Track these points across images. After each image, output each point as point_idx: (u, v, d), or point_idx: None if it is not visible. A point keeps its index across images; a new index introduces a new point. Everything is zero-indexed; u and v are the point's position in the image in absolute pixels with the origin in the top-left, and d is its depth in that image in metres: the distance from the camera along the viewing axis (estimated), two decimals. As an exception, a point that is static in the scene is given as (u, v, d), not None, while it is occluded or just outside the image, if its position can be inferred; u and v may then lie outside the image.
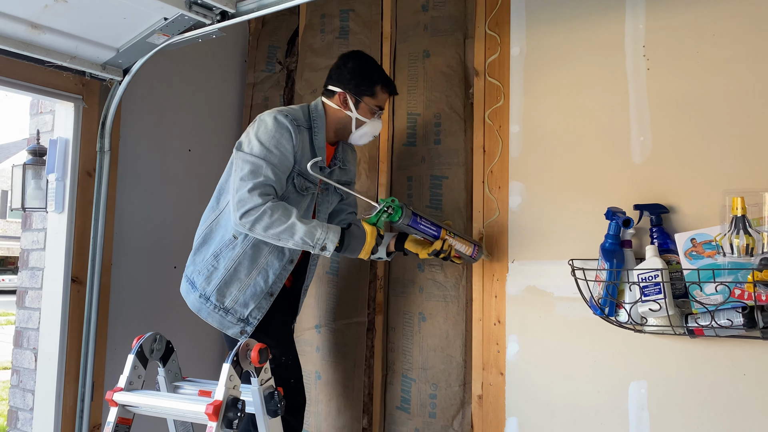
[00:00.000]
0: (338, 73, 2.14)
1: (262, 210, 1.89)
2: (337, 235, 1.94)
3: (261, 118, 2.04)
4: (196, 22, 2.09)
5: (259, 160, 1.95)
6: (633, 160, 2.00)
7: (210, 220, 2.12)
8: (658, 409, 1.90)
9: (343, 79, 2.11)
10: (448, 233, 2.08)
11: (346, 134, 2.17)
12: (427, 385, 2.36)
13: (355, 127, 2.14)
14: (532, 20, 2.27)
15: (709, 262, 1.73)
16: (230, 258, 2.04)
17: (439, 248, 2.05)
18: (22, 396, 2.61)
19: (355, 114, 2.11)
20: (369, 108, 2.12)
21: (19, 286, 2.70)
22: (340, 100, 2.11)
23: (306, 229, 1.91)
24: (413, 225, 2.04)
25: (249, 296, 2.05)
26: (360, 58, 2.15)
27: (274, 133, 1.98)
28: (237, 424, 1.72)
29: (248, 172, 1.93)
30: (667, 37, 1.98)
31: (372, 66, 2.16)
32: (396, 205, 2.00)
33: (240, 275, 2.04)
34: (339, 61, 2.17)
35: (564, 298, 2.10)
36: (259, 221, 1.90)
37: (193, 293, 2.08)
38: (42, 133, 2.63)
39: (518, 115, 2.26)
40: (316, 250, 1.94)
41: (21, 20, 2.03)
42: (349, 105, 2.11)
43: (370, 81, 2.11)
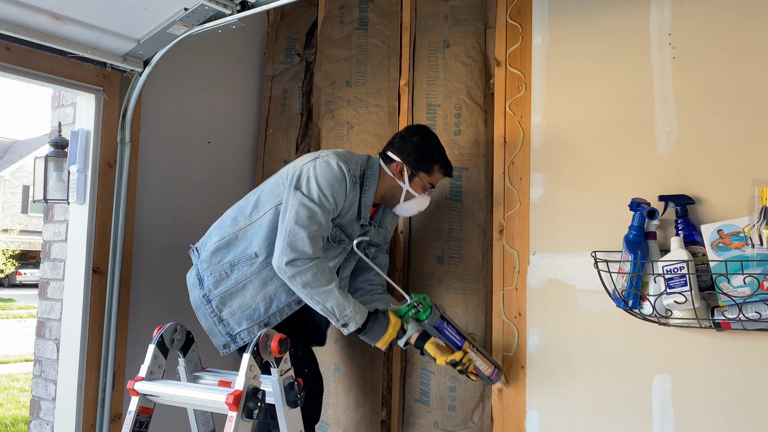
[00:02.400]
0: (401, 143, 2.12)
1: (308, 266, 1.89)
2: (364, 317, 1.96)
3: (323, 160, 2.00)
4: (216, 13, 2.09)
5: (316, 207, 1.93)
6: (658, 150, 1.97)
7: (238, 227, 2.09)
8: (683, 404, 1.87)
9: (404, 151, 2.10)
10: (471, 347, 2.06)
11: (392, 203, 2.17)
12: (447, 378, 2.35)
13: (404, 199, 2.14)
14: (555, 9, 2.23)
15: (737, 254, 1.69)
16: (244, 273, 2.04)
17: (458, 359, 2.02)
18: (44, 386, 2.64)
19: (407, 186, 2.11)
20: (422, 184, 2.12)
21: (41, 278, 2.73)
22: (396, 169, 2.11)
23: (339, 301, 1.92)
24: (438, 328, 2.03)
25: (245, 317, 2.05)
26: (425, 134, 2.14)
27: (333, 181, 1.96)
28: (257, 413, 1.72)
29: (305, 218, 1.92)
30: (693, 25, 1.94)
31: (435, 144, 2.14)
32: (426, 304, 2.02)
33: (246, 293, 2.04)
34: (405, 132, 2.16)
35: (586, 290, 2.07)
36: (301, 275, 1.89)
37: (198, 290, 2.09)
38: (63, 126, 2.65)
39: (540, 106, 2.23)
40: (338, 325, 1.95)
41: (43, 11, 2.04)
42: (404, 177, 2.11)
43: (431, 159, 2.10)
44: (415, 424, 2.43)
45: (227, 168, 2.98)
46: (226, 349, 2.08)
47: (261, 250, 2.02)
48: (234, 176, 3.01)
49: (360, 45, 2.75)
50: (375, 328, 1.98)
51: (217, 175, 2.92)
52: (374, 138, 2.66)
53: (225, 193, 2.88)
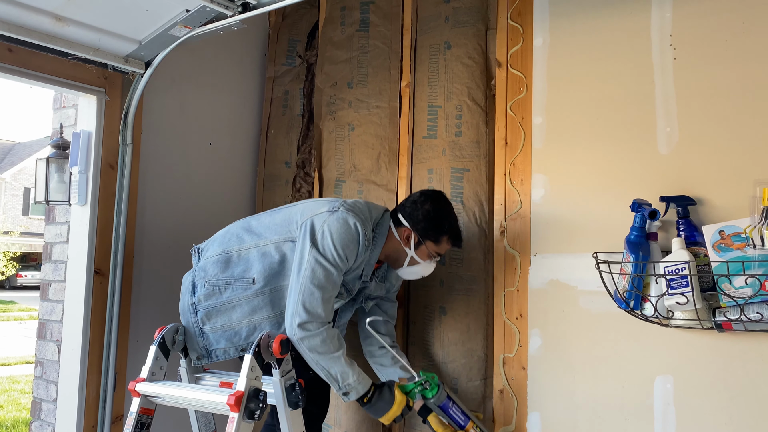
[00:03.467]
0: (413, 208, 2.09)
1: (319, 331, 1.88)
2: (366, 388, 1.93)
3: (341, 217, 1.96)
4: (217, 14, 2.09)
5: (332, 268, 1.91)
6: (659, 151, 1.97)
7: (242, 246, 2.06)
8: (685, 405, 1.87)
9: (414, 218, 2.07)
10: (474, 426, 2.06)
11: (395, 265, 2.15)
12: (449, 379, 2.35)
13: (407, 264, 2.11)
14: (556, 10, 2.24)
15: (739, 255, 1.69)
16: (237, 295, 2.02)
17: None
18: (45, 387, 2.64)
19: (412, 252, 2.09)
20: (428, 252, 2.09)
21: (42, 279, 2.73)
22: (404, 234, 2.09)
23: (343, 369, 1.91)
24: (443, 408, 2.04)
25: (226, 337, 2.03)
26: (438, 203, 2.10)
27: (348, 242, 1.94)
28: (258, 414, 1.72)
29: (321, 278, 1.90)
30: (694, 26, 1.94)
31: (446, 215, 2.10)
32: (434, 383, 2.03)
33: (233, 315, 2.02)
34: (417, 197, 2.12)
35: (588, 291, 2.07)
36: (310, 339, 1.87)
37: (189, 296, 2.07)
38: (65, 127, 2.65)
39: (541, 107, 2.23)
40: (339, 393, 1.93)
41: (45, 12, 2.05)
42: (410, 243, 2.08)
43: (440, 230, 2.07)
44: (417, 425, 2.42)
45: (228, 169, 2.98)
46: (198, 361, 2.05)
47: (259, 278, 2.00)
48: (235, 177, 3.01)
49: (361, 46, 2.75)
50: (379, 403, 1.95)
51: (219, 176, 2.92)
52: (375, 139, 2.66)
53: (226, 195, 2.89)
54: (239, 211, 3.02)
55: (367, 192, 2.65)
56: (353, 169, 2.71)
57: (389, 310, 2.30)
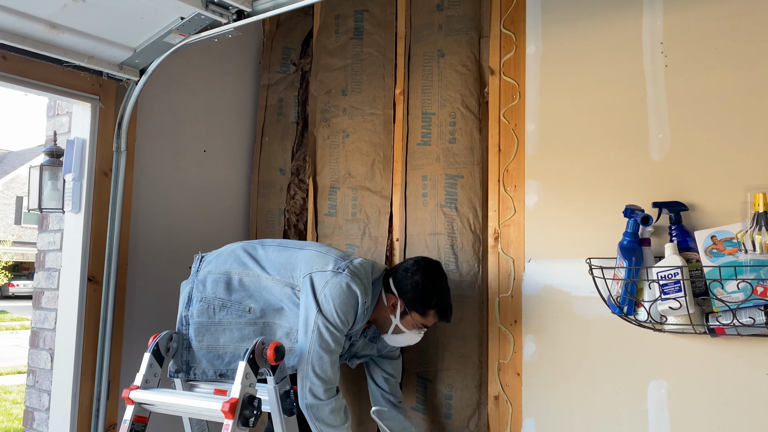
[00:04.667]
0: (403, 276, 2.06)
1: (328, 401, 1.90)
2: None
3: (345, 284, 1.94)
4: (212, 22, 2.10)
5: (337, 332, 1.92)
6: (651, 157, 1.98)
7: (244, 272, 2.05)
8: (679, 410, 1.88)
9: (402, 287, 2.05)
10: None
11: (381, 330, 2.12)
12: (443, 386, 2.35)
13: (391, 332, 2.09)
14: (548, 18, 2.26)
15: (731, 260, 1.71)
16: (230, 319, 2.02)
17: None
18: (38, 396, 2.62)
19: (396, 321, 2.06)
20: (413, 322, 2.06)
21: (35, 287, 2.72)
22: (390, 302, 2.06)
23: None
24: None
25: (208, 359, 2.02)
26: (429, 275, 2.06)
27: (350, 308, 1.94)
28: (253, 422, 1.71)
29: (329, 342, 1.91)
30: (685, 34, 1.96)
31: (436, 288, 2.06)
32: None
33: (220, 338, 2.02)
34: (410, 265, 2.08)
35: (582, 297, 2.08)
36: (319, 408, 1.89)
37: (184, 308, 2.07)
38: (59, 135, 2.65)
39: (534, 114, 2.25)
40: None
41: (40, 20, 2.05)
42: (396, 311, 2.06)
43: (427, 303, 2.04)
44: (412, 432, 2.42)
45: (223, 176, 2.99)
46: (178, 374, 2.04)
47: (256, 308, 2.01)
48: (230, 185, 3.01)
49: (355, 54, 2.76)
50: None
51: (213, 183, 2.92)
52: (370, 146, 2.67)
53: (221, 202, 2.89)
54: (234, 218, 3.02)
55: (362, 199, 2.66)
56: (348, 176, 2.71)
57: (390, 368, 2.28)
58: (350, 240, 2.67)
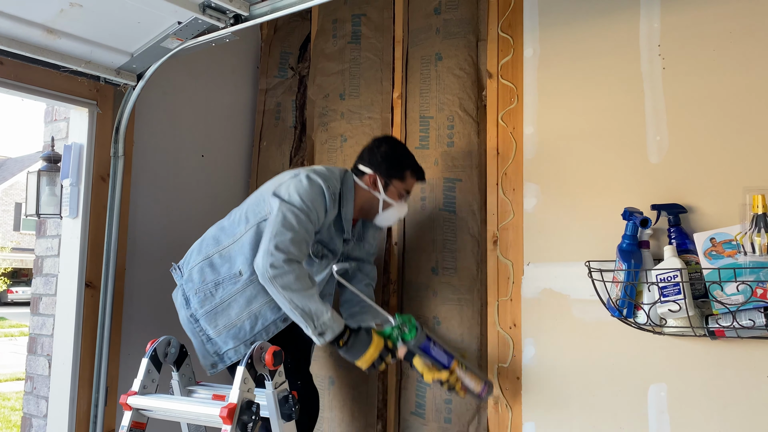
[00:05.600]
0: (370, 155, 2.16)
1: (291, 268, 1.89)
2: (341, 327, 1.92)
3: (303, 176, 2.02)
4: (209, 26, 2.09)
5: (300, 212, 1.94)
6: (649, 159, 1.98)
7: (221, 246, 2.09)
8: (679, 413, 1.87)
9: (374, 162, 2.14)
10: (459, 365, 2.04)
11: (371, 214, 2.18)
12: (443, 390, 2.33)
13: (382, 209, 2.15)
14: (546, 21, 2.26)
15: (730, 262, 1.70)
16: (229, 292, 2.03)
17: (444, 379, 2.03)
18: (36, 403, 2.61)
19: (383, 196, 2.13)
20: (397, 191, 2.14)
21: (33, 293, 2.71)
22: (370, 181, 2.13)
23: (318, 307, 1.90)
24: (424, 349, 2.01)
25: (231, 336, 2.03)
26: (392, 144, 2.20)
27: (314, 195, 1.98)
28: (251, 427, 1.70)
29: (291, 221, 1.93)
30: (682, 36, 1.96)
31: (403, 151, 2.20)
32: (411, 325, 2.00)
33: (231, 312, 2.03)
34: (372, 144, 2.20)
35: (581, 300, 2.07)
36: (282, 277, 1.88)
37: (185, 310, 2.09)
38: (56, 140, 2.64)
39: (532, 117, 2.25)
40: (315, 333, 1.91)
41: (37, 25, 2.05)
42: (378, 187, 2.13)
43: (401, 166, 2.14)
44: (414, 425, 2.41)
45: (221, 181, 2.98)
46: (213, 369, 2.06)
47: (245, 268, 2.02)
48: (228, 189, 3.01)
49: (353, 58, 2.76)
50: (356, 344, 1.94)
51: (211, 188, 2.92)
52: (368, 150, 2.66)
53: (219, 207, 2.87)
54: (232, 223, 3.00)
55: (360, 203, 2.65)
56: (346, 180, 2.71)
57: (371, 272, 2.34)
58: (349, 244, 2.66)
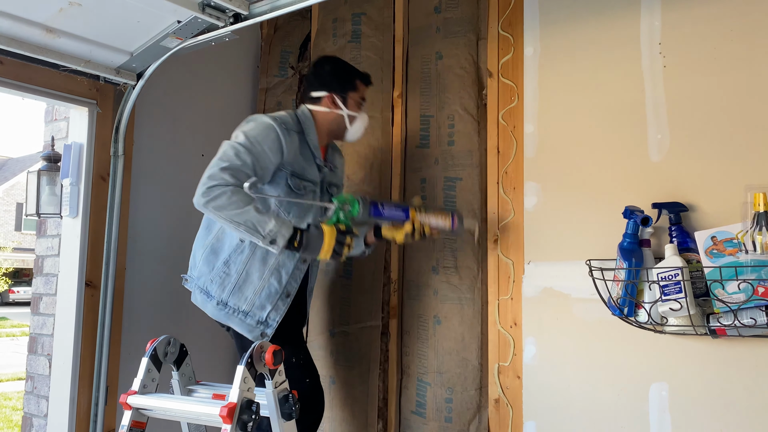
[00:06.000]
0: (318, 78, 2.21)
1: (223, 190, 1.88)
2: (289, 231, 1.90)
3: (250, 118, 2.09)
4: (209, 25, 2.09)
5: (240, 147, 1.96)
6: (650, 158, 1.98)
7: (214, 230, 2.12)
8: (680, 412, 1.86)
9: (325, 83, 2.18)
10: (418, 211, 2.06)
11: (341, 133, 2.22)
12: (443, 389, 2.33)
13: (349, 123, 2.20)
14: (546, 20, 2.25)
15: (731, 260, 1.69)
16: (241, 262, 2.05)
17: (410, 230, 2.06)
18: (36, 402, 2.60)
19: (345, 111, 2.18)
20: (355, 102, 2.20)
21: (33, 293, 2.71)
22: (328, 101, 2.17)
23: (259, 218, 1.88)
24: (376, 215, 2.01)
25: (264, 298, 2.05)
26: (333, 60, 2.27)
27: (259, 132, 2.01)
28: (251, 426, 1.70)
29: (228, 155, 1.95)
30: (683, 34, 1.96)
31: (345, 63, 2.27)
32: (351, 200, 1.98)
33: (252, 278, 2.05)
34: (314, 69, 2.25)
35: (582, 299, 2.06)
36: (216, 199, 1.88)
37: (210, 302, 2.09)
38: (56, 140, 2.64)
39: (533, 115, 2.24)
40: (266, 243, 1.89)
41: (36, 24, 2.04)
42: (338, 104, 2.17)
43: (350, 76, 2.21)
44: (412, 425, 2.41)
45: (221, 181, 2.97)
46: (265, 337, 2.07)
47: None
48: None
49: (353, 57, 2.76)
50: (311, 241, 1.92)
51: (211, 188, 2.91)
52: (368, 149, 2.66)
53: (219, 206, 2.88)
54: (232, 222, 3.00)
55: (360, 202, 2.65)
56: (346, 179, 2.70)
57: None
58: (349, 243, 2.66)
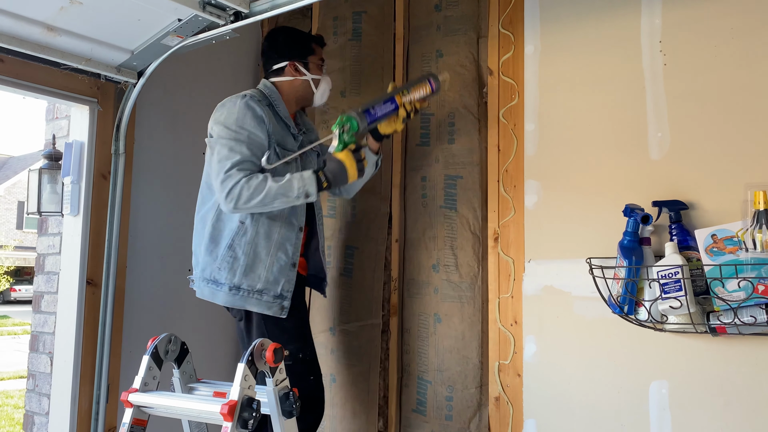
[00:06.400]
0: (275, 50, 2.24)
1: (239, 187, 1.95)
2: (313, 180, 1.98)
3: (219, 105, 2.12)
4: (209, 23, 2.09)
5: (229, 141, 2.01)
6: (651, 156, 1.98)
7: (211, 218, 2.13)
8: (680, 410, 1.86)
9: (284, 52, 2.22)
10: (401, 94, 2.10)
11: (309, 98, 2.27)
12: (443, 387, 2.34)
13: (315, 87, 2.24)
14: (546, 17, 2.25)
15: (731, 258, 1.70)
16: (246, 243, 2.06)
17: (405, 115, 2.12)
18: (38, 400, 2.61)
19: (309, 75, 2.22)
20: (316, 65, 2.25)
21: (35, 291, 2.71)
22: (291, 70, 2.21)
23: (283, 186, 1.96)
24: (373, 120, 2.06)
25: (277, 272, 2.07)
26: (285, 30, 2.29)
27: (236, 116, 2.05)
28: (252, 424, 1.70)
29: (223, 154, 2.01)
30: (684, 32, 1.95)
31: (296, 30, 2.30)
32: (347, 119, 2.01)
33: (261, 256, 2.07)
34: (269, 42, 2.27)
35: (582, 297, 2.07)
36: (239, 198, 1.95)
37: (221, 290, 2.08)
38: (57, 138, 2.64)
39: (533, 113, 2.24)
40: (302, 200, 1.99)
41: (37, 22, 2.05)
42: (301, 70, 2.22)
43: (305, 42, 2.25)
44: (413, 424, 2.41)
45: (222, 179, 2.97)
46: (284, 311, 2.09)
47: (242, 216, 2.07)
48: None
49: (354, 56, 2.76)
50: (335, 174, 2.00)
51: (212, 186, 2.91)
52: (369, 148, 2.66)
53: (220, 204, 2.88)
54: (233, 220, 3.00)
55: (361, 200, 2.65)
56: (347, 177, 2.70)
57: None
58: (350, 242, 2.66)
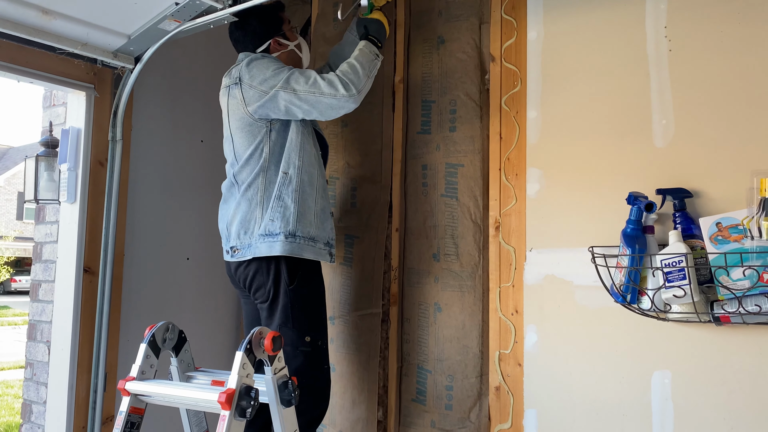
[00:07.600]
0: (251, 35, 2.27)
1: (340, 76, 2.08)
2: (368, 43, 2.22)
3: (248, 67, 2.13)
4: (207, 7, 2.07)
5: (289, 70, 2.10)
6: (655, 143, 1.95)
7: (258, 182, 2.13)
8: (683, 400, 1.85)
9: (262, 33, 2.27)
10: None
11: (298, 64, 2.36)
12: (444, 377, 2.32)
13: (300, 51, 2.36)
14: (549, 3, 2.21)
15: (736, 246, 1.67)
16: (292, 191, 2.10)
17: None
18: (35, 389, 2.60)
19: (293, 43, 2.33)
20: (290, 31, 2.35)
21: (32, 280, 2.69)
22: (276, 45, 2.29)
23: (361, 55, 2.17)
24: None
25: (323, 218, 2.17)
26: (252, 13, 2.27)
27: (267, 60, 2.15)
28: (250, 413, 1.69)
29: (301, 77, 2.08)
30: (689, 17, 1.92)
31: (261, 8, 2.29)
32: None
33: (308, 203, 2.12)
34: (243, 31, 2.28)
35: (584, 286, 2.04)
36: (351, 81, 2.08)
37: (277, 240, 2.07)
38: (54, 125, 2.62)
39: (536, 101, 2.21)
40: (379, 61, 2.22)
41: (32, 5, 2.02)
42: (284, 43, 2.31)
43: (273, 15, 2.31)
44: (412, 424, 2.40)
45: (220, 166, 2.92)
46: (332, 259, 2.20)
47: (284, 167, 2.11)
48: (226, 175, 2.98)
49: (354, 42, 2.72)
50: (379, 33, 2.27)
51: (210, 173, 2.88)
52: (369, 135, 2.63)
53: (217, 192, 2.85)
54: (232, 209, 2.98)
55: (361, 189, 2.63)
56: (347, 166, 2.68)
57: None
58: (350, 231, 2.64)
